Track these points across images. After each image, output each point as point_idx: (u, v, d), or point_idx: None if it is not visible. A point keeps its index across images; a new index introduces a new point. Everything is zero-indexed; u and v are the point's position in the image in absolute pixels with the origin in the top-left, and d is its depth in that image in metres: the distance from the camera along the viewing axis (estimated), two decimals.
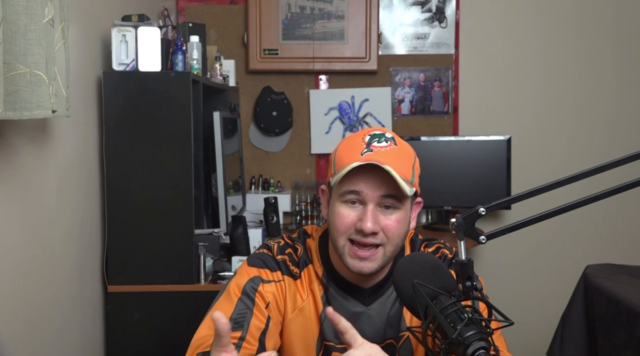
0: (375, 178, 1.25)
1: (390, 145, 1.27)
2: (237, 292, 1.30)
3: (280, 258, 1.36)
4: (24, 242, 1.70)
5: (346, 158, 1.27)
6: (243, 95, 3.51)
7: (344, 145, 1.32)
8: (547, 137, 3.62)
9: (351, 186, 1.26)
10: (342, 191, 1.27)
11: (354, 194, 1.26)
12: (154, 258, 2.27)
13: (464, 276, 1.03)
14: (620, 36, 3.59)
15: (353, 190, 1.26)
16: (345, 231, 1.27)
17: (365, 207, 1.26)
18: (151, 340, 2.30)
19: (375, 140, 1.27)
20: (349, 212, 1.27)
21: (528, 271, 3.65)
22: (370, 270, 1.28)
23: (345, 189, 1.27)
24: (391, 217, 1.27)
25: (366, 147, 1.26)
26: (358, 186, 1.25)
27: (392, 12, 3.56)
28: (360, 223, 1.25)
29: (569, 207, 1.06)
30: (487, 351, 0.95)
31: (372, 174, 1.25)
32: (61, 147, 1.96)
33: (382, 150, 1.25)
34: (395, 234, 1.27)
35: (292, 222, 3.47)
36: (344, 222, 1.27)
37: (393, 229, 1.27)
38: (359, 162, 1.24)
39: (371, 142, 1.27)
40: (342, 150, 1.31)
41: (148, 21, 2.26)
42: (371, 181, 1.25)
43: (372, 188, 1.25)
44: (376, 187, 1.25)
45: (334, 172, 1.29)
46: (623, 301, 2.20)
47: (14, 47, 1.40)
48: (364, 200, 1.26)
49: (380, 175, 1.24)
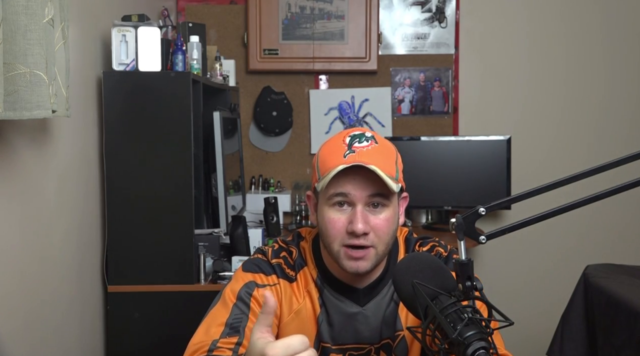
0: (361, 179, 1.25)
1: (372, 143, 1.28)
2: (232, 298, 1.30)
3: (275, 262, 1.36)
4: (24, 242, 1.70)
5: (329, 161, 1.27)
6: (243, 95, 3.51)
7: (326, 149, 1.32)
8: (547, 137, 3.62)
9: (338, 189, 1.26)
10: (329, 195, 1.27)
11: (341, 196, 1.27)
12: (154, 258, 2.27)
13: (464, 277, 1.03)
14: (621, 37, 3.59)
15: (340, 192, 1.26)
16: (338, 235, 1.27)
17: (354, 208, 1.26)
18: (151, 340, 2.30)
19: (356, 141, 1.28)
20: (339, 215, 1.27)
21: (528, 271, 3.65)
22: (365, 268, 1.28)
23: (332, 192, 1.27)
24: (380, 217, 1.27)
25: (348, 148, 1.27)
26: (345, 188, 1.26)
27: (392, 12, 3.56)
28: (351, 226, 1.25)
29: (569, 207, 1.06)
30: (487, 351, 0.95)
31: (357, 175, 1.25)
32: (61, 147, 1.96)
33: (364, 150, 1.26)
34: (386, 233, 1.28)
35: (292, 222, 3.47)
36: (335, 226, 1.27)
37: (383, 228, 1.28)
38: (343, 165, 1.24)
39: (352, 143, 1.27)
40: (324, 154, 1.31)
41: (148, 21, 2.26)
42: (357, 182, 1.25)
43: (359, 189, 1.25)
44: (363, 187, 1.25)
45: (319, 177, 1.29)
46: (623, 301, 2.20)
47: (14, 47, 1.41)
48: (352, 202, 1.26)
49: (366, 175, 1.25)
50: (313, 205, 1.37)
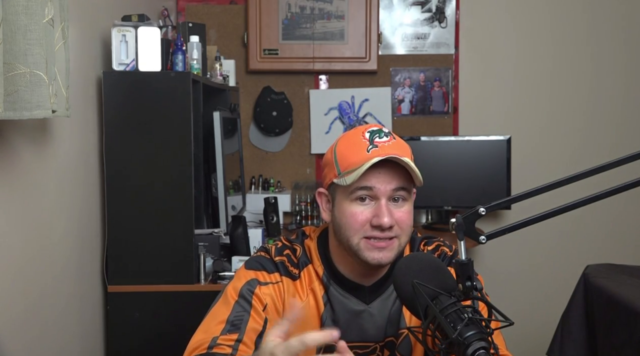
0: (386, 173, 1.27)
1: (391, 139, 1.30)
2: (234, 295, 1.31)
3: (279, 260, 1.36)
4: (24, 242, 1.70)
5: (352, 156, 1.28)
6: (243, 95, 3.51)
7: (344, 145, 1.32)
8: (547, 137, 3.62)
9: (362, 183, 1.27)
10: (352, 189, 1.28)
11: (365, 190, 1.27)
12: (154, 258, 2.27)
13: (464, 277, 1.03)
14: (622, 36, 3.58)
15: (364, 186, 1.27)
16: (360, 229, 1.28)
17: (378, 202, 1.27)
18: (151, 340, 2.30)
19: (376, 136, 1.29)
20: (362, 209, 1.28)
21: (528, 271, 3.64)
22: (388, 259, 1.29)
23: (355, 186, 1.27)
24: (402, 209, 1.29)
25: (370, 143, 1.28)
26: (369, 182, 1.27)
27: (392, 12, 3.56)
28: (377, 219, 1.26)
29: (569, 207, 1.06)
30: (487, 351, 0.95)
31: (382, 169, 1.26)
32: (61, 147, 1.96)
33: (386, 144, 1.28)
34: (408, 225, 1.30)
35: (292, 222, 3.47)
36: (358, 219, 1.28)
37: (406, 220, 1.29)
38: (378, 157, 1.24)
39: (373, 138, 1.29)
40: (342, 149, 1.31)
41: (148, 21, 2.26)
42: (382, 176, 1.27)
43: (383, 183, 1.27)
44: (387, 181, 1.27)
45: (339, 172, 1.29)
46: (623, 301, 2.20)
47: (14, 47, 1.41)
48: (376, 196, 1.27)
49: (390, 169, 1.27)
50: (326, 202, 1.37)
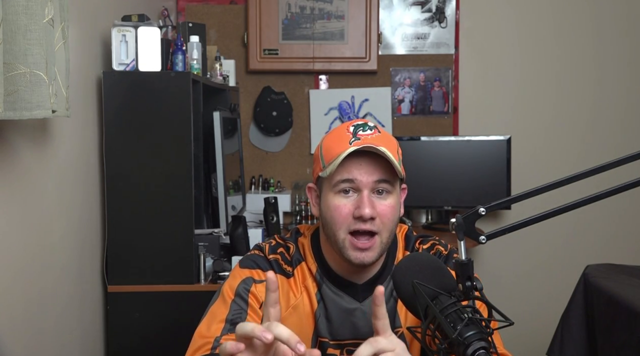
0: (368, 164, 1.27)
1: (375, 132, 1.30)
2: (231, 294, 1.31)
3: (272, 258, 1.37)
4: (23, 242, 1.70)
5: (335, 149, 1.29)
6: (243, 95, 3.51)
7: (329, 139, 1.34)
8: (547, 137, 3.62)
9: (344, 175, 1.27)
10: (335, 181, 1.29)
11: (347, 182, 1.28)
12: (154, 258, 2.27)
13: (464, 277, 1.03)
14: (623, 35, 3.58)
15: (347, 178, 1.28)
16: (344, 222, 1.28)
17: (361, 194, 1.28)
18: (151, 340, 2.30)
19: (360, 129, 1.30)
20: (345, 202, 1.28)
21: (528, 271, 3.65)
22: (371, 259, 1.29)
23: (338, 179, 1.28)
24: (385, 202, 1.29)
25: (353, 136, 1.28)
26: (351, 174, 1.27)
27: (392, 12, 3.56)
28: (358, 210, 1.26)
29: (569, 207, 1.06)
30: (487, 351, 0.95)
31: (364, 161, 1.27)
32: (61, 147, 1.96)
33: (369, 137, 1.28)
34: (390, 220, 1.30)
35: (292, 222, 3.47)
36: (342, 212, 1.28)
37: (388, 214, 1.29)
38: (355, 147, 1.25)
39: (356, 131, 1.29)
40: (328, 143, 1.33)
41: (148, 21, 2.26)
42: (364, 167, 1.27)
43: (365, 175, 1.27)
44: (369, 172, 1.27)
45: (323, 165, 1.30)
46: (623, 301, 2.20)
47: (14, 47, 1.41)
48: (358, 187, 1.28)
49: (372, 161, 1.27)
50: (315, 197, 1.38)
